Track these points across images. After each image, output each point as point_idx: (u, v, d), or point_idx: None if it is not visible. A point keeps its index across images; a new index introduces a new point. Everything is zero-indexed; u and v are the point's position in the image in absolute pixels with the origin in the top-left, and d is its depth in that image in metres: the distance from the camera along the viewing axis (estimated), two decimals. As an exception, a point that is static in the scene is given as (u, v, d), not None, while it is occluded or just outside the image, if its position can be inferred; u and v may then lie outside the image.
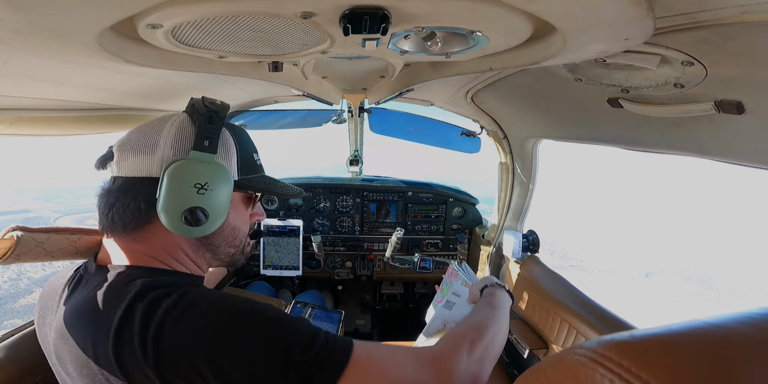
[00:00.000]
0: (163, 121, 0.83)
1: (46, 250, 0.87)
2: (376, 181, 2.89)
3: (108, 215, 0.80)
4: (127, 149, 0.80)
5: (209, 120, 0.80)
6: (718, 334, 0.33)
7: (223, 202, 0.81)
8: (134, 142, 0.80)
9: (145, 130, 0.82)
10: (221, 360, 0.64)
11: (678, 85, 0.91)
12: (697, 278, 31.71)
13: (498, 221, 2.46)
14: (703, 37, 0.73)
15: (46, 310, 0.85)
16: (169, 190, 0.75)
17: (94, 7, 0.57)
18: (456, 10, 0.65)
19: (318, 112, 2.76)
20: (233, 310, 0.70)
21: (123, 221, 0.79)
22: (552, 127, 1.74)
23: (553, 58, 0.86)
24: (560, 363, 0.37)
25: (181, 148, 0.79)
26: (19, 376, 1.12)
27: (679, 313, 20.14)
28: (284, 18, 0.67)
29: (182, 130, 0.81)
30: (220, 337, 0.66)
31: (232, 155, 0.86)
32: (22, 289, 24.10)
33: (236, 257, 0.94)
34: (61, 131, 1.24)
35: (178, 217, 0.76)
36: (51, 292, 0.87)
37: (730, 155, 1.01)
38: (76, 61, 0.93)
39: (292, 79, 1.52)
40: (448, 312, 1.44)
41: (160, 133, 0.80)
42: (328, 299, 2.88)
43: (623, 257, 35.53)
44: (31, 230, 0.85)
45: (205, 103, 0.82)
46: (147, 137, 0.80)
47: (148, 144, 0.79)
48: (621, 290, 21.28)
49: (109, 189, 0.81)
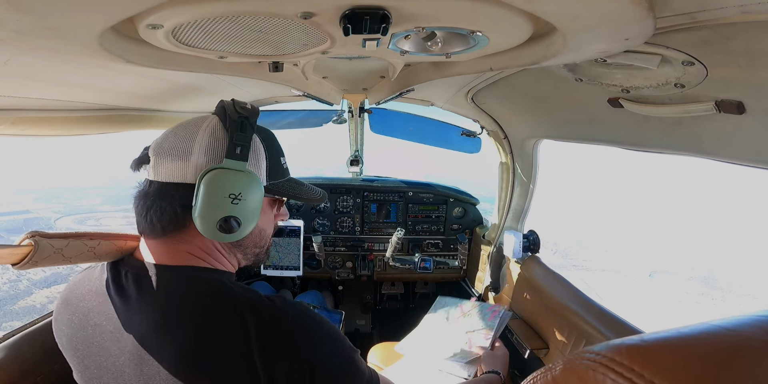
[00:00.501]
0: (197, 126, 0.84)
1: (64, 256, 0.86)
2: (376, 182, 2.89)
3: (146, 217, 0.82)
4: (163, 154, 0.82)
5: (241, 127, 0.82)
6: (730, 338, 0.32)
7: (254, 209, 0.85)
8: (169, 147, 0.82)
9: (179, 133, 0.84)
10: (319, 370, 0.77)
11: (678, 85, 0.91)
12: (702, 278, 31.54)
13: (498, 221, 2.46)
14: (703, 36, 0.73)
15: (88, 312, 0.85)
16: (204, 199, 0.78)
17: (94, 7, 0.57)
18: (456, 10, 0.65)
19: (318, 112, 2.76)
20: (330, 331, 0.84)
21: (162, 224, 0.82)
22: (552, 127, 1.74)
23: (554, 58, 0.86)
24: (568, 367, 0.37)
25: (214, 155, 0.82)
26: (21, 376, 1.12)
27: (683, 313, 20.05)
28: (284, 18, 0.67)
29: (215, 137, 0.83)
30: (323, 352, 0.80)
31: (262, 161, 0.89)
32: (21, 290, 23.96)
33: (261, 256, 0.99)
34: (62, 131, 1.24)
35: (213, 225, 0.80)
36: (86, 294, 0.87)
37: (730, 155, 1.00)
38: (77, 61, 0.93)
39: (293, 80, 1.52)
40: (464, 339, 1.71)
41: (194, 139, 0.82)
42: (329, 299, 2.88)
43: (626, 257, 35.39)
44: (49, 236, 0.84)
45: (236, 108, 0.83)
46: (181, 143, 0.82)
47: (183, 150, 0.81)
48: (625, 290, 21.18)
49: (146, 192, 0.83)
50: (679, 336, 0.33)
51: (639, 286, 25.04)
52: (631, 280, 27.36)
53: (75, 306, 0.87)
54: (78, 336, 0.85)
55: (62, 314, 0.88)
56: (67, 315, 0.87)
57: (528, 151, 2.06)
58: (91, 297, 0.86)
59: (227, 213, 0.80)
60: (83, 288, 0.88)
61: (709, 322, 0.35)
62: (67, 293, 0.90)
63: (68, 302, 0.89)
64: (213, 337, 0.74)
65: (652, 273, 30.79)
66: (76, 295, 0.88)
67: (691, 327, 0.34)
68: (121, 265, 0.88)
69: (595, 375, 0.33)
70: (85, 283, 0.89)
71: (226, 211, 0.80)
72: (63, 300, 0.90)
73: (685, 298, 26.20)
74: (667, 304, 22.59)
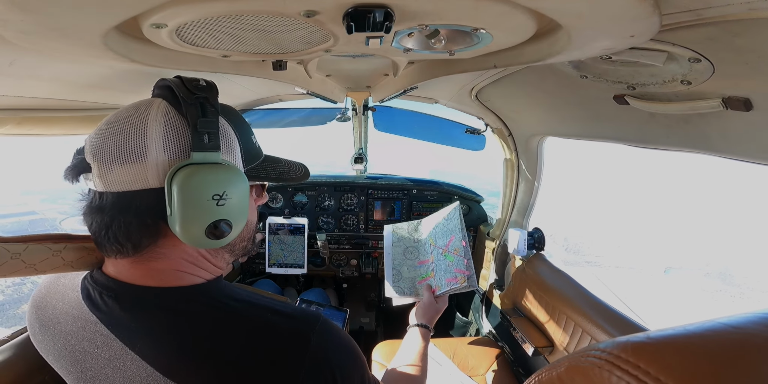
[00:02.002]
0: (141, 116, 0.66)
1: (26, 263, 0.73)
2: (380, 179, 2.88)
3: (107, 236, 0.68)
4: (108, 159, 0.64)
5: (202, 110, 0.67)
6: (735, 336, 0.32)
7: (243, 206, 0.73)
8: (115, 149, 0.64)
9: (121, 129, 0.65)
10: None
11: (685, 82, 0.90)
12: (718, 274, 31.05)
13: (503, 219, 2.46)
14: (710, 33, 0.72)
15: (69, 336, 0.74)
16: (182, 206, 0.64)
17: (98, 7, 0.57)
18: (459, 8, 0.64)
19: (322, 110, 2.76)
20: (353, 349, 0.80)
21: (132, 242, 0.68)
22: (557, 125, 1.73)
23: (558, 55, 0.85)
24: (573, 365, 0.37)
25: (177, 150, 0.66)
26: (29, 374, 1.14)
27: (704, 311, 19.81)
28: (287, 16, 0.67)
29: (172, 126, 0.67)
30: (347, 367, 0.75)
31: (235, 146, 0.75)
32: (25, 294, 23.94)
33: (248, 247, 0.88)
34: (68, 131, 1.25)
35: (200, 234, 0.68)
36: (60, 317, 0.75)
37: (738, 152, 0.99)
38: (82, 61, 0.93)
39: (296, 78, 1.52)
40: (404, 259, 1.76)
41: (144, 133, 0.65)
42: (333, 297, 2.88)
43: (640, 252, 34.95)
44: (4, 240, 0.71)
45: (188, 87, 0.67)
46: (129, 141, 0.65)
47: (135, 150, 0.64)
48: (641, 287, 20.91)
49: (99, 206, 0.67)
50: (684, 333, 0.33)
51: (655, 283, 24.67)
52: (646, 277, 26.98)
53: (52, 329, 0.75)
54: (67, 359, 0.74)
55: (41, 335, 0.78)
56: (49, 337, 0.76)
57: (533, 149, 2.05)
58: (67, 320, 0.74)
59: (214, 218, 0.68)
60: (53, 308, 0.77)
61: (715, 319, 0.35)
62: (37, 312, 0.79)
63: (42, 323, 0.77)
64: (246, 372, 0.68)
65: (667, 269, 30.36)
66: (48, 316, 0.77)
67: (697, 324, 0.34)
68: (91, 286, 0.74)
69: (600, 372, 0.33)
70: (54, 303, 0.77)
71: (212, 216, 0.68)
72: (36, 319, 0.79)
73: (703, 295, 25.81)
74: (685, 301, 22.27)
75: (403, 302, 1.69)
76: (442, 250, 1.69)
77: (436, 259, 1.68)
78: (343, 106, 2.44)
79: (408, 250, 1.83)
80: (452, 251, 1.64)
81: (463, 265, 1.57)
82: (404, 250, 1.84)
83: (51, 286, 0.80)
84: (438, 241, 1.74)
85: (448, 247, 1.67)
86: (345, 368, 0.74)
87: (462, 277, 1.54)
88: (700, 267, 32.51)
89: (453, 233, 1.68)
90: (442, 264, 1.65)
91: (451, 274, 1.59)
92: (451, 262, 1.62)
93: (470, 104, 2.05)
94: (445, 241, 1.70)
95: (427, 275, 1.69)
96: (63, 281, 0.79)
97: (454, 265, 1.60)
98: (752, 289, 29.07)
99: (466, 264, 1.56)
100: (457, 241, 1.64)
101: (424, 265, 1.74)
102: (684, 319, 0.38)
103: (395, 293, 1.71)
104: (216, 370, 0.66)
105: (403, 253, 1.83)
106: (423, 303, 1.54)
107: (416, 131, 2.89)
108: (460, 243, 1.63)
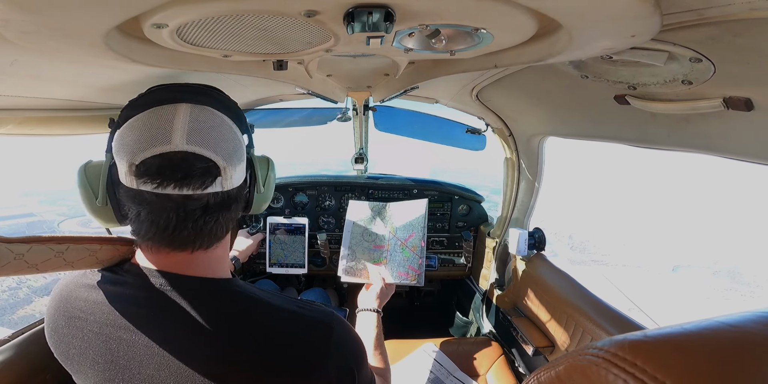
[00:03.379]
0: (226, 123, 0.77)
1: (28, 263, 0.75)
2: (381, 179, 2.88)
3: (202, 233, 0.74)
4: (235, 160, 0.75)
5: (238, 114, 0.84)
6: (733, 334, 0.32)
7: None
8: (232, 151, 0.74)
9: (227, 134, 0.75)
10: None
11: (686, 82, 0.90)
12: (727, 272, 30.75)
13: (504, 219, 2.46)
14: (711, 33, 0.72)
15: (103, 324, 0.76)
16: (269, 186, 0.91)
17: (99, 7, 0.57)
18: (460, 8, 0.64)
19: (323, 110, 2.76)
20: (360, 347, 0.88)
21: (218, 235, 0.78)
22: (558, 125, 1.73)
23: (559, 55, 0.85)
24: (572, 363, 0.37)
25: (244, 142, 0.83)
26: (30, 374, 1.14)
27: (716, 311, 19.74)
28: (288, 16, 0.67)
29: (232, 127, 0.79)
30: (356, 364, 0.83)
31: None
32: (21, 298, 23.79)
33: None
34: (69, 131, 1.25)
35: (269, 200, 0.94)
36: (93, 306, 0.78)
37: (739, 152, 0.99)
38: (83, 61, 0.93)
39: (297, 78, 1.52)
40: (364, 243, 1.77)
41: (232, 131, 0.77)
42: (333, 297, 2.88)
43: (647, 251, 34.60)
44: (8, 240, 0.73)
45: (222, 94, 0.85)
46: (235, 143, 0.76)
47: (241, 150, 0.78)
48: (649, 286, 20.71)
49: (205, 206, 0.72)
50: (682, 332, 0.34)
51: (663, 282, 24.44)
52: (654, 275, 26.73)
53: (83, 320, 0.78)
54: (97, 349, 0.76)
55: (66, 327, 0.80)
56: (77, 329, 0.79)
57: (533, 149, 2.05)
58: (102, 309, 0.77)
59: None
60: (85, 300, 0.80)
61: (713, 318, 0.35)
62: (65, 305, 0.81)
63: (71, 315, 0.80)
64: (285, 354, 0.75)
65: (675, 267, 30.07)
66: (78, 308, 0.79)
67: (695, 323, 0.35)
68: (130, 277, 0.78)
69: (598, 370, 0.33)
70: (86, 295, 0.80)
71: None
72: (63, 312, 0.81)
73: (713, 293, 25.52)
74: (696, 300, 21.99)
75: (352, 281, 1.74)
76: (400, 243, 1.73)
77: (392, 249, 1.72)
78: (344, 106, 2.44)
79: (366, 232, 1.85)
80: (410, 247, 1.69)
81: (417, 264, 1.64)
82: (363, 230, 1.86)
83: (77, 281, 0.84)
84: (398, 232, 1.77)
85: (407, 242, 1.71)
86: (360, 358, 0.84)
87: (413, 275, 1.62)
88: (708, 265, 32.14)
89: (415, 230, 1.72)
90: (397, 256, 1.69)
91: (404, 269, 1.64)
92: (406, 258, 1.67)
93: (471, 104, 2.05)
94: (405, 235, 1.74)
95: (380, 261, 1.73)
96: (89, 275, 0.83)
97: (409, 261, 1.65)
98: (762, 288, 28.70)
99: (420, 264, 1.63)
100: (417, 240, 1.68)
101: (378, 250, 1.77)
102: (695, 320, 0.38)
103: (345, 272, 1.75)
104: (259, 355, 0.72)
105: (362, 233, 1.85)
106: (381, 289, 1.58)
107: (417, 131, 2.89)
108: (419, 242, 1.67)
